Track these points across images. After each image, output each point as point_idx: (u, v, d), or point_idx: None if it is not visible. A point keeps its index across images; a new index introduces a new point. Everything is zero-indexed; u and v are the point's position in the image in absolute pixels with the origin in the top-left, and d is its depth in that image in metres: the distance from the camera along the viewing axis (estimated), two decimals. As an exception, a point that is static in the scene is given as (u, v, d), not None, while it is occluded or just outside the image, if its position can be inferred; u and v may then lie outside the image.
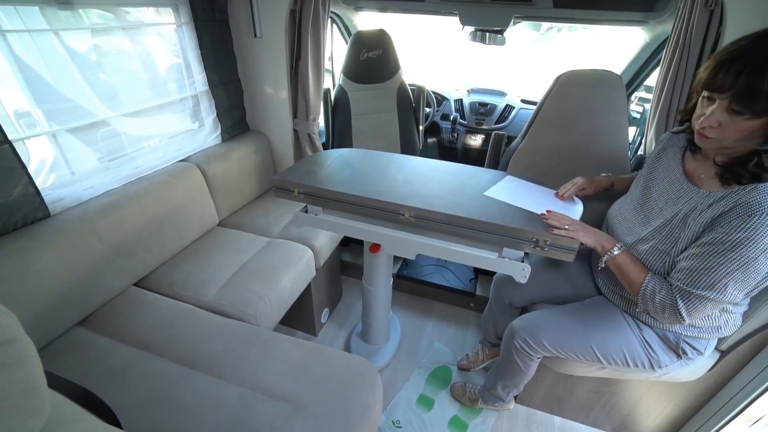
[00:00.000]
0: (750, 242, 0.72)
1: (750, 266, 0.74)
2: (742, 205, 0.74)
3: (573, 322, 1.08)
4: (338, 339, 1.76)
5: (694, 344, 0.97)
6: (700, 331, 0.95)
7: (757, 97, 0.68)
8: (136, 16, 1.38)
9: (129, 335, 1.13)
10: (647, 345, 1.00)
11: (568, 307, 1.14)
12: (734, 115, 0.73)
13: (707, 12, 1.19)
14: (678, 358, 0.99)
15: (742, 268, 0.74)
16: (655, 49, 1.89)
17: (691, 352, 0.98)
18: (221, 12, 1.63)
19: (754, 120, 0.71)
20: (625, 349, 1.01)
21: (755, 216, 0.72)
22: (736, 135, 0.74)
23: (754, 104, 0.69)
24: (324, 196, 1.10)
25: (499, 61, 4.32)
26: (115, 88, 1.34)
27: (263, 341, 1.13)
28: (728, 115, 0.74)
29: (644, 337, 1.01)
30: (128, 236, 1.29)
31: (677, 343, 0.98)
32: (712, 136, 0.78)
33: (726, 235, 0.75)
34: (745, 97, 0.70)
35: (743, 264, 0.74)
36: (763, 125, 0.71)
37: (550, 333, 1.07)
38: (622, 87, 1.36)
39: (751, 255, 0.73)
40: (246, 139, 1.87)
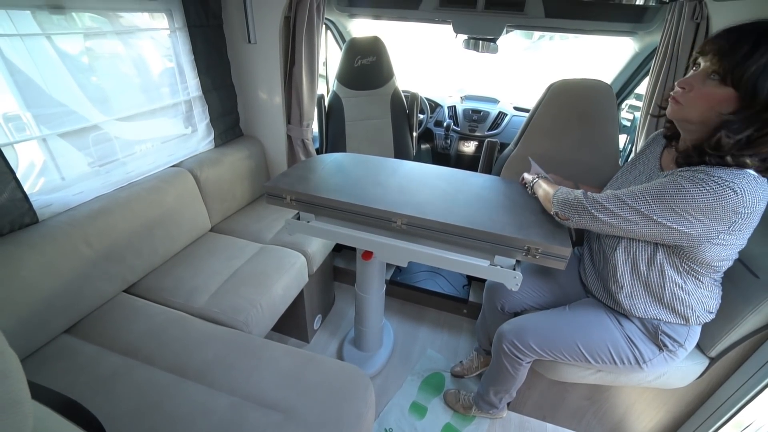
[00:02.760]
0: (684, 191, 0.76)
1: (669, 203, 0.78)
2: (696, 170, 0.77)
3: (559, 323, 1.10)
4: (331, 345, 1.75)
5: (672, 333, 0.98)
6: (673, 313, 0.96)
7: (732, 58, 0.71)
8: (129, 20, 1.37)
9: (118, 343, 1.12)
10: (630, 340, 1.02)
11: (555, 310, 1.16)
12: (708, 80, 0.75)
13: (693, 24, 1.22)
14: (659, 350, 1.01)
15: (656, 201, 0.79)
16: (644, 58, 1.93)
17: (671, 344, 0.99)
18: (215, 17, 1.63)
19: (721, 88, 0.73)
20: (610, 346, 1.03)
21: (701, 176, 0.75)
22: (700, 102, 0.77)
23: (727, 65, 0.71)
24: (316, 203, 1.10)
25: (493, 69, 4.37)
26: (107, 93, 1.33)
27: (255, 349, 1.12)
28: (701, 81, 0.77)
29: (626, 332, 1.03)
30: (118, 242, 1.28)
31: (655, 333, 0.99)
32: (680, 100, 0.80)
33: (659, 179, 0.83)
34: (723, 56, 0.72)
35: (659, 200, 0.79)
36: (727, 98, 0.73)
37: (537, 334, 1.09)
38: (613, 96, 1.39)
39: (670, 192, 0.78)
40: (239, 144, 1.86)
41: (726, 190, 0.73)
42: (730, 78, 0.72)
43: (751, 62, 0.69)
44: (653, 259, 0.92)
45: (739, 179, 0.73)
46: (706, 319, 0.98)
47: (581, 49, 4.29)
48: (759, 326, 1.00)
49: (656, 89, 1.37)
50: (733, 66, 0.71)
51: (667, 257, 0.90)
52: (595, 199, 0.89)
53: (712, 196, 0.73)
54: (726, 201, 0.73)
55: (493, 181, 1.29)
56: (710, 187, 0.74)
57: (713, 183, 0.74)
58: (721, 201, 0.73)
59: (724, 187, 0.73)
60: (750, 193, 0.73)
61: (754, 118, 0.71)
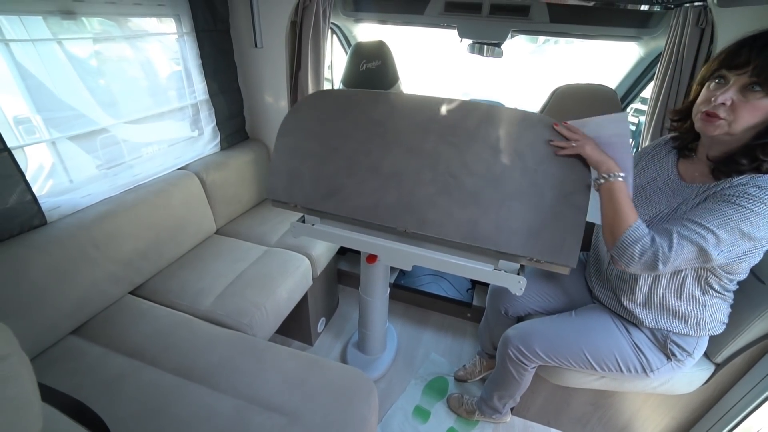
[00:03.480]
0: (745, 209, 0.73)
1: (739, 226, 0.73)
2: (743, 186, 0.75)
3: (565, 330, 1.09)
4: (334, 349, 1.75)
5: (681, 343, 0.97)
6: (686, 325, 0.95)
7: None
8: (138, 24, 1.39)
9: (123, 345, 1.12)
10: (637, 348, 1.01)
11: (561, 315, 1.15)
12: (749, 92, 0.72)
13: (698, 30, 1.22)
14: (668, 359, 1.00)
15: (733, 226, 0.74)
16: (649, 63, 1.93)
17: (680, 353, 0.98)
18: (223, 22, 1.65)
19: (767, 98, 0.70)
20: (617, 354, 1.02)
21: (751, 191, 0.73)
22: (747, 115, 0.73)
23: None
24: (320, 210, 1.10)
25: (498, 72, 4.38)
26: (115, 96, 1.34)
27: (259, 352, 1.12)
28: (742, 94, 0.73)
29: (634, 341, 1.02)
30: (125, 244, 1.29)
31: (665, 342, 0.98)
32: (723, 116, 0.75)
33: (719, 198, 0.77)
34: (760, 68, 0.69)
35: (734, 223, 0.74)
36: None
37: (543, 341, 1.08)
38: (617, 101, 1.39)
39: (736, 217, 0.73)
40: (245, 147, 1.88)
41: None
42: None
43: None
44: (678, 272, 0.90)
45: None
46: (719, 330, 0.97)
47: (586, 53, 4.29)
48: (765, 332, 0.99)
49: (661, 94, 1.37)
50: None
51: (693, 270, 0.89)
52: (667, 251, 0.78)
53: None
54: None
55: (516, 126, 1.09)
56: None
57: None
58: None
59: None
60: None
61: None
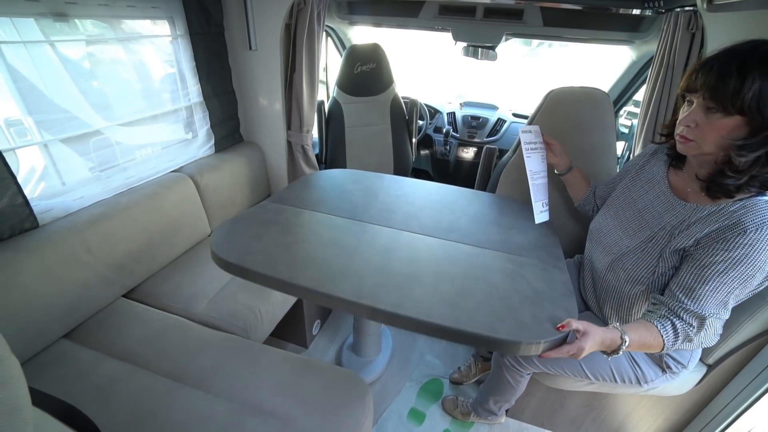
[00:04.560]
0: (748, 259, 0.73)
1: (747, 282, 0.75)
2: (738, 224, 0.74)
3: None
4: (329, 351, 1.74)
5: (677, 357, 0.98)
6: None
7: (725, 92, 0.71)
8: (131, 26, 1.39)
9: (116, 348, 1.12)
10: (633, 361, 1.01)
11: None
12: (709, 113, 0.75)
13: (689, 35, 1.24)
14: (663, 372, 1.00)
15: (741, 285, 0.76)
16: (641, 67, 1.95)
17: (675, 366, 0.99)
18: (217, 25, 1.65)
19: (727, 118, 0.73)
20: (613, 367, 1.02)
21: (749, 232, 0.73)
22: (712, 135, 0.76)
23: (724, 99, 0.71)
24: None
25: (492, 75, 4.40)
26: (109, 99, 1.34)
27: (253, 355, 1.12)
28: (704, 115, 0.76)
29: (631, 354, 1.02)
30: (117, 247, 1.28)
31: (661, 356, 0.99)
32: (691, 138, 0.79)
33: (725, 253, 0.75)
34: (715, 92, 0.72)
35: (743, 281, 0.75)
36: (737, 125, 0.72)
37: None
38: (610, 104, 1.40)
39: (749, 272, 0.74)
40: (239, 150, 1.87)
41: None
42: (732, 108, 0.71)
43: (746, 90, 0.69)
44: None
45: None
46: (713, 341, 0.96)
47: (580, 56, 4.32)
48: (755, 333, 1.01)
49: (653, 98, 1.39)
50: (729, 98, 0.71)
51: None
52: (698, 332, 0.81)
53: None
54: None
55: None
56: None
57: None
58: None
59: None
60: None
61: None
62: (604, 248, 1.03)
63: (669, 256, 0.85)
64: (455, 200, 1.39)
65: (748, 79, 0.68)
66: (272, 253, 0.98)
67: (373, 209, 1.28)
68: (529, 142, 1.19)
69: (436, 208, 1.31)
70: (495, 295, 0.87)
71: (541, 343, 0.75)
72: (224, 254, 0.96)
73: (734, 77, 0.70)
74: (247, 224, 1.13)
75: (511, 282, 0.93)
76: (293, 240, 1.05)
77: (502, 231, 1.20)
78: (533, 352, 0.76)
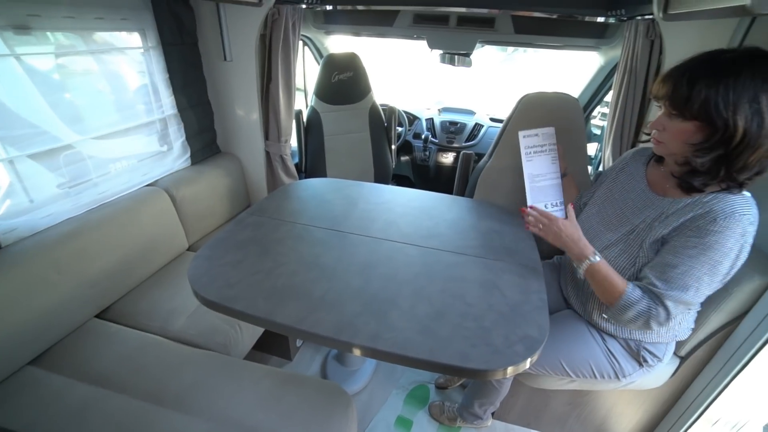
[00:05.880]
0: (717, 245, 0.78)
1: (716, 268, 0.80)
2: (710, 213, 0.80)
3: None
4: (314, 362, 1.72)
5: (653, 350, 1.02)
6: (659, 336, 1.00)
7: (681, 98, 0.77)
8: (102, 38, 1.36)
9: (88, 372, 1.07)
10: (611, 356, 1.04)
11: None
12: (672, 118, 0.81)
13: (649, 42, 1.30)
14: (639, 366, 1.04)
15: (709, 271, 0.80)
16: (609, 71, 2.03)
17: (651, 359, 1.02)
18: (190, 36, 1.63)
19: (686, 122, 0.79)
20: (592, 362, 1.05)
21: (719, 220, 0.78)
22: (674, 137, 0.82)
23: (681, 105, 0.78)
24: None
25: (471, 81, 4.50)
26: (80, 112, 1.30)
27: (234, 371, 1.09)
28: (668, 119, 0.82)
29: (608, 348, 1.04)
30: (90, 266, 1.24)
31: (638, 350, 1.02)
32: (660, 140, 0.86)
33: (697, 239, 0.81)
34: (672, 100, 0.80)
35: (711, 266, 0.80)
36: (694, 130, 0.78)
37: None
38: (579, 109, 1.45)
39: (717, 258, 0.79)
40: (217, 161, 1.85)
41: (746, 225, 0.78)
42: (687, 114, 0.77)
43: (695, 97, 0.75)
44: None
45: (745, 207, 0.79)
46: (686, 334, 1.02)
47: (554, 61, 4.46)
48: (721, 324, 1.05)
49: (619, 101, 1.44)
50: (683, 104, 0.77)
51: None
52: (663, 319, 0.85)
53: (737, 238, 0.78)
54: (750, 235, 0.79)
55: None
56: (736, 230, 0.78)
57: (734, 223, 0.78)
58: (747, 237, 0.79)
59: (744, 223, 0.78)
60: (756, 215, 0.80)
61: (720, 139, 0.76)
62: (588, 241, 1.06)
63: (649, 246, 0.90)
64: (434, 206, 1.40)
65: (695, 89, 0.74)
66: (251, 282, 0.97)
67: (353, 218, 1.28)
68: (533, 145, 1.18)
69: (416, 215, 1.32)
70: (470, 315, 0.88)
71: (508, 368, 0.77)
72: (204, 291, 0.95)
73: (685, 87, 0.76)
74: (225, 247, 1.11)
75: (486, 297, 0.94)
76: (272, 264, 1.04)
77: (480, 236, 1.22)
78: (500, 376, 0.79)
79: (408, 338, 0.82)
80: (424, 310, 0.89)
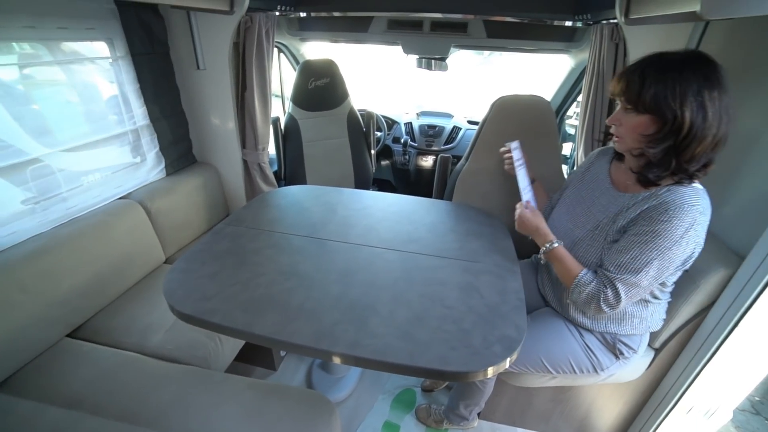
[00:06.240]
0: (666, 233, 0.83)
1: (665, 254, 0.84)
2: (662, 204, 0.85)
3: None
4: (299, 371, 1.70)
5: (628, 342, 1.05)
6: (632, 328, 1.03)
7: (634, 93, 0.84)
8: (69, 48, 1.32)
9: (59, 394, 1.03)
10: (589, 350, 1.07)
11: None
12: (628, 113, 0.87)
13: (614, 45, 1.35)
14: (616, 358, 1.06)
15: (660, 256, 0.84)
16: (580, 73, 2.09)
17: (627, 351, 1.05)
18: (161, 44, 1.60)
19: (639, 116, 0.85)
20: (571, 358, 1.07)
21: (670, 210, 0.83)
22: (630, 131, 0.87)
23: (634, 99, 0.84)
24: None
25: (449, 85, 4.56)
26: (46, 124, 1.25)
27: (214, 385, 1.07)
28: (624, 114, 0.88)
29: (586, 343, 1.07)
30: (60, 284, 1.19)
31: (614, 343, 1.05)
32: (617, 135, 0.92)
33: (647, 227, 0.86)
34: (627, 95, 0.86)
35: (661, 252, 0.84)
36: (647, 123, 0.84)
37: None
38: (552, 111, 1.48)
39: (666, 245, 0.84)
40: (193, 171, 1.81)
41: (696, 215, 0.82)
42: (640, 107, 0.83)
43: (645, 91, 0.81)
44: None
45: (694, 198, 0.83)
46: (659, 326, 1.06)
47: (530, 64, 4.56)
48: (691, 315, 1.09)
49: (588, 103, 1.49)
50: (636, 98, 0.84)
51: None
52: (612, 301, 0.90)
53: (687, 227, 0.82)
54: (701, 225, 0.84)
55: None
56: (684, 218, 0.82)
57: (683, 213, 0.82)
58: (697, 227, 0.83)
59: (693, 213, 0.82)
60: (706, 206, 0.85)
61: (670, 130, 0.82)
62: (559, 239, 1.09)
63: (612, 239, 0.94)
64: (414, 210, 1.41)
65: (646, 83, 0.81)
66: (228, 294, 0.95)
67: (332, 225, 1.27)
68: (519, 157, 1.23)
69: (395, 220, 1.33)
70: (449, 318, 0.89)
71: (488, 369, 0.78)
72: (179, 304, 0.93)
73: (637, 82, 0.83)
74: (202, 259, 1.09)
75: (465, 299, 0.95)
76: (250, 275, 1.02)
77: (458, 238, 1.23)
78: (480, 377, 0.81)
79: (388, 344, 0.82)
80: (404, 315, 0.90)
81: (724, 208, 1.10)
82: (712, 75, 0.78)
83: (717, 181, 1.11)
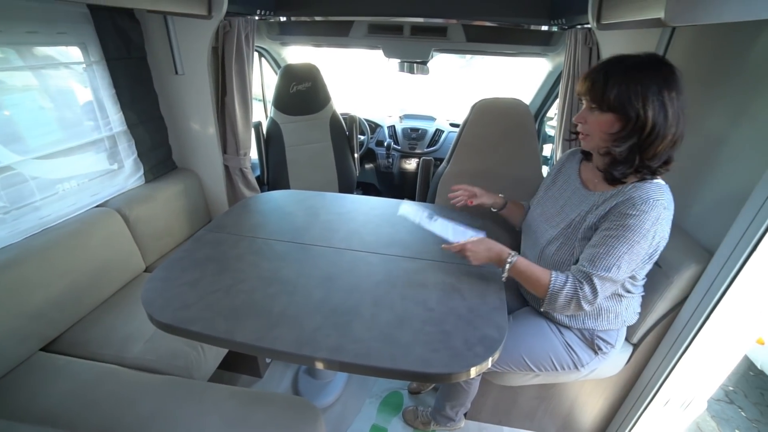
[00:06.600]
0: (636, 227, 0.86)
1: (634, 248, 0.87)
2: (629, 199, 0.88)
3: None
4: (285, 378, 1.69)
5: (606, 337, 1.08)
6: (609, 323, 1.06)
7: (598, 92, 0.87)
8: (41, 52, 1.28)
9: (32, 412, 0.99)
10: (569, 347, 1.09)
11: None
12: (593, 111, 0.90)
13: (587, 49, 1.39)
14: (595, 354, 1.09)
15: (629, 249, 0.87)
16: (557, 76, 2.14)
17: (605, 346, 1.08)
18: (138, 49, 1.57)
19: (604, 114, 0.88)
20: (552, 355, 1.09)
21: (638, 205, 0.86)
22: (595, 128, 0.91)
23: (599, 98, 0.87)
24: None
25: (432, 88, 4.60)
26: (18, 130, 1.21)
27: (196, 394, 1.05)
28: (589, 113, 0.91)
29: (566, 340, 1.09)
30: (31, 296, 1.15)
31: (592, 339, 1.08)
32: (583, 132, 0.95)
33: (618, 221, 0.88)
34: (591, 94, 0.89)
35: (630, 245, 0.87)
36: (612, 121, 0.87)
37: None
38: (530, 114, 1.52)
39: (635, 238, 0.87)
40: (173, 177, 1.78)
41: (661, 210, 0.85)
42: (604, 106, 0.87)
43: (608, 90, 0.85)
44: None
45: (658, 194, 0.86)
46: (634, 319, 1.09)
47: (511, 67, 4.64)
48: (666, 310, 1.13)
49: (564, 105, 1.52)
50: (600, 97, 0.87)
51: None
52: (590, 297, 0.90)
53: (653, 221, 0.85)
54: (665, 219, 0.87)
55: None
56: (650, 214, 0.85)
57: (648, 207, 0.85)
58: (662, 221, 0.86)
59: (659, 208, 0.85)
60: (670, 201, 0.88)
61: (633, 128, 0.85)
62: (533, 242, 1.13)
63: (582, 236, 0.97)
64: (396, 214, 1.42)
65: (609, 83, 0.85)
66: (209, 302, 0.94)
67: (315, 229, 1.27)
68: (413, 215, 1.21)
69: (378, 223, 1.33)
70: (431, 320, 0.90)
71: (471, 369, 0.79)
72: (158, 314, 0.91)
73: (601, 82, 0.86)
74: (182, 267, 1.07)
75: (447, 301, 0.96)
76: (231, 281, 1.01)
77: (440, 240, 1.24)
78: (463, 378, 0.81)
79: (370, 348, 0.82)
80: (386, 318, 0.90)
81: (694, 206, 1.14)
82: (670, 77, 0.83)
83: (687, 181, 1.15)
